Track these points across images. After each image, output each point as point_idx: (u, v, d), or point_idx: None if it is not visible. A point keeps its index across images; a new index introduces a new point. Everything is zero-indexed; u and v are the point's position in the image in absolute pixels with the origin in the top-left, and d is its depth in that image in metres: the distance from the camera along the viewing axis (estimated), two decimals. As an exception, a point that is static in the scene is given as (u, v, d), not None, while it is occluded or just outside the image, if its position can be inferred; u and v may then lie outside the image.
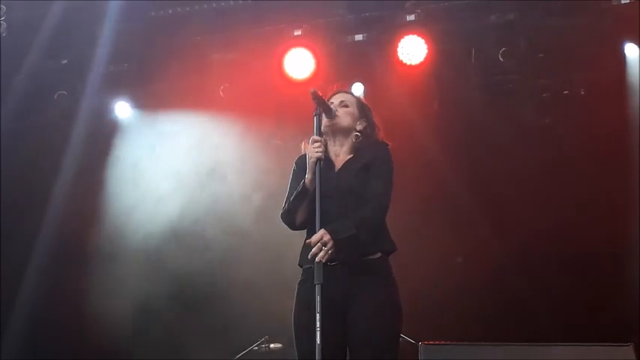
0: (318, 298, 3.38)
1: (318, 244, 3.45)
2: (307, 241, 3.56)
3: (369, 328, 3.56)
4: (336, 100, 3.91)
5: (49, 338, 7.67)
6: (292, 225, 3.81)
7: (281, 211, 3.84)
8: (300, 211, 3.72)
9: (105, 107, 7.86)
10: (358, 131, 3.89)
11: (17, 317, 7.68)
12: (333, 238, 3.46)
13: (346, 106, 3.91)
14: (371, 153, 3.79)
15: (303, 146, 3.96)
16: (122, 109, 7.91)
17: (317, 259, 3.43)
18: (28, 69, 7.28)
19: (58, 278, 7.73)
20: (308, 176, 3.64)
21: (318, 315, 3.36)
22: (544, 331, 6.65)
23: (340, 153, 3.87)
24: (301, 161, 3.86)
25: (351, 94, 4.08)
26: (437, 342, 5.57)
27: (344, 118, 3.86)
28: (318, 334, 3.35)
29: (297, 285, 3.81)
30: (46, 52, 7.34)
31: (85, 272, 7.85)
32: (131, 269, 7.72)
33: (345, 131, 3.87)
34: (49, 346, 7.65)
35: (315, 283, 3.40)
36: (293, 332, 3.72)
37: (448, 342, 5.65)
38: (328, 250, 3.44)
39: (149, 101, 7.82)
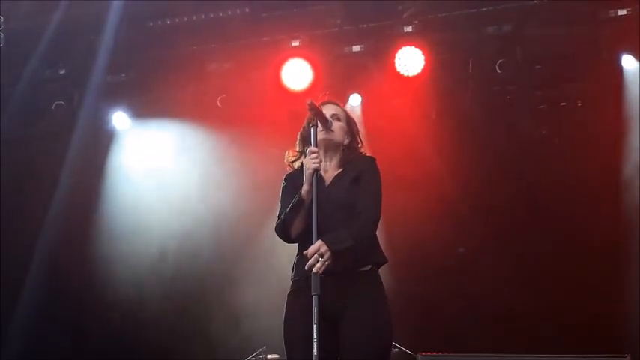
0: (315, 309, 3.35)
1: (315, 255, 3.43)
2: (304, 252, 3.52)
3: (360, 340, 3.53)
4: (327, 112, 3.87)
5: (49, 341, 7.67)
6: (287, 238, 3.76)
7: (275, 225, 3.79)
8: (295, 223, 3.68)
9: (103, 117, 7.87)
10: (345, 146, 3.88)
11: (17, 322, 7.67)
12: (330, 249, 3.43)
13: (339, 119, 3.89)
14: (359, 167, 3.78)
15: (287, 155, 3.96)
16: (120, 119, 7.91)
17: (314, 270, 3.41)
18: (26, 79, 7.29)
19: (57, 285, 7.72)
20: (305, 187, 3.62)
21: (315, 326, 3.34)
22: (542, 341, 6.64)
23: (329, 168, 3.84)
24: (290, 178, 3.86)
25: (340, 106, 4.04)
26: (434, 352, 5.58)
27: (339, 133, 3.85)
28: (315, 345, 3.33)
29: (286, 297, 3.76)
30: (45, 63, 7.37)
31: (84, 277, 7.87)
32: (129, 274, 7.73)
33: (338, 146, 3.86)
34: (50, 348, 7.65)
35: (313, 294, 3.37)
36: (284, 344, 3.68)
37: (446, 353, 5.65)
38: (325, 262, 3.41)
39: (147, 111, 7.83)
